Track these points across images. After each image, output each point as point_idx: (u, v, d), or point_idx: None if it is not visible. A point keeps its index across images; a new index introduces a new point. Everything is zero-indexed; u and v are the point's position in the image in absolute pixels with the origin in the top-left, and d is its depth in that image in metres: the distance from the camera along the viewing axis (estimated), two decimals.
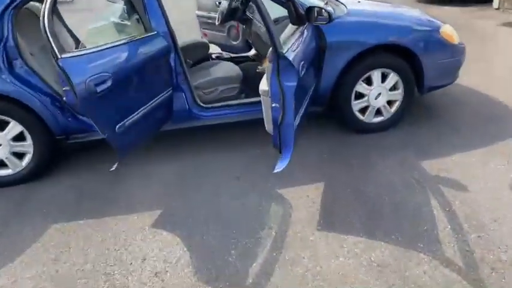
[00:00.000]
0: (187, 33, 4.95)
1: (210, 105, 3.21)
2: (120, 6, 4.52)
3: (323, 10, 2.80)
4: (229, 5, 3.76)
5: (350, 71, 3.21)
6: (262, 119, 3.26)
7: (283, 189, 2.77)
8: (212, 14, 4.77)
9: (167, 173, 3.07)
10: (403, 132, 3.44)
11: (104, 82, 2.21)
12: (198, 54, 3.73)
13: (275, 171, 2.37)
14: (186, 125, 3.22)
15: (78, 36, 3.87)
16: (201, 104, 3.18)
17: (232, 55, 4.33)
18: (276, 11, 3.33)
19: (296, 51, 2.42)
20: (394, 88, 3.36)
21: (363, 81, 3.28)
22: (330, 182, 2.82)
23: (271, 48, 2.31)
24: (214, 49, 4.19)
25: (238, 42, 4.66)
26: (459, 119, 3.60)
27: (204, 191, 2.83)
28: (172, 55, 2.93)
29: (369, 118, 3.42)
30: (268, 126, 2.57)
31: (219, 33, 4.81)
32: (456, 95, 4.00)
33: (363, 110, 3.40)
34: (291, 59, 2.26)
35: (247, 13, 3.80)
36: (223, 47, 4.76)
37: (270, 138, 2.50)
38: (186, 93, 3.10)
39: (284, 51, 2.24)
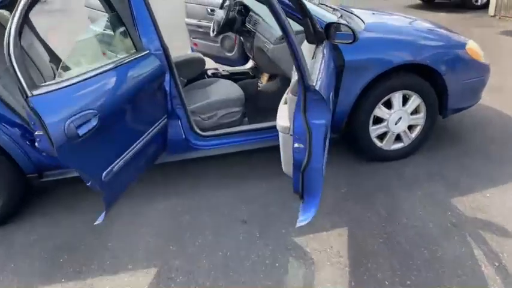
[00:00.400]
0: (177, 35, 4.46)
1: (208, 134, 2.77)
2: (102, 13, 4.04)
3: (345, 26, 2.40)
4: (227, 15, 3.32)
5: (369, 94, 2.82)
6: (269, 147, 2.88)
7: (301, 237, 2.36)
8: (203, 23, 4.34)
9: (160, 215, 2.62)
10: (425, 158, 3.08)
11: (88, 122, 1.75)
12: (193, 71, 3.28)
13: (298, 225, 1.96)
14: (182, 157, 2.77)
15: (52, 41, 3.37)
16: (199, 132, 2.74)
17: (230, 69, 3.88)
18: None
19: (322, 78, 2.00)
20: (415, 112, 3.00)
21: (382, 104, 2.90)
22: (353, 226, 2.42)
23: (294, 78, 1.89)
24: (208, 64, 3.74)
25: (233, 53, 4.23)
26: (484, 142, 3.26)
27: (206, 239, 2.39)
28: (167, 77, 2.49)
29: (388, 145, 3.04)
30: (287, 168, 2.15)
31: (211, 43, 4.37)
32: (475, 114, 3.67)
33: (381, 136, 3.02)
34: (320, 90, 1.84)
35: (248, 25, 3.37)
36: (216, 59, 4.32)
37: (281, 173, 2.11)
38: (181, 120, 2.66)
39: (314, 83, 1.82)
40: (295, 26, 2.66)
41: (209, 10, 4.27)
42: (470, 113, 3.61)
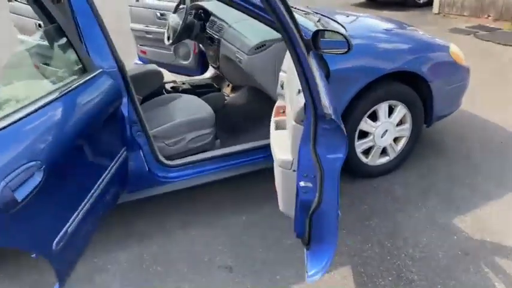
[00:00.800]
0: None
1: (176, 163, 2.33)
2: (32, 20, 3.44)
3: (336, 34, 2.06)
4: (184, 20, 2.88)
5: (354, 106, 2.53)
6: (246, 173, 2.50)
7: (300, 284, 2.00)
8: (152, 28, 3.86)
9: (123, 269, 2.13)
10: (412, 173, 2.84)
11: (29, 179, 1.26)
12: (149, 87, 2.79)
13: (310, 280, 1.59)
14: (146, 193, 2.31)
15: None
16: (164, 161, 2.29)
17: (189, 80, 3.42)
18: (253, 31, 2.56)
19: (328, 97, 1.63)
20: (400, 122, 2.75)
21: (367, 116, 2.62)
22: (357, 263, 2.10)
23: (299, 103, 1.52)
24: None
25: (189, 61, 3.79)
26: (464, 149, 3.09)
27: None
28: (124, 99, 2.03)
29: (374, 160, 2.77)
30: (286, 208, 1.78)
31: (162, 50, 3.90)
32: (449, 120, 3.49)
33: (366, 151, 2.74)
34: (335, 117, 1.47)
35: (209, 31, 2.94)
36: (170, 68, 3.84)
37: (262, 201, 1.75)
38: (143, 149, 2.20)
39: (329, 111, 1.44)
40: (273, 33, 2.33)
41: (158, 14, 3.79)
42: None
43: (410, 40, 2.74)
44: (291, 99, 1.71)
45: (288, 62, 2.09)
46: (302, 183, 1.54)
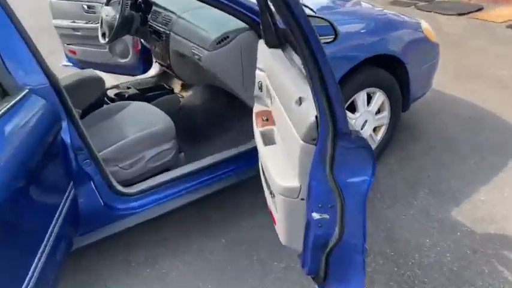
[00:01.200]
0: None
1: (137, 189, 1.92)
2: None
3: (320, 20, 1.74)
4: (121, 13, 2.41)
5: None
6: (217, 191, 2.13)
7: None
8: (80, 24, 3.30)
9: None
10: (393, 164, 2.64)
11: None
12: (89, 97, 2.31)
13: None
14: (104, 233, 1.88)
15: None
16: (122, 190, 1.87)
17: (132, 82, 2.95)
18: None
19: None
20: (378, 111, 2.52)
21: (346, 108, 2.35)
22: (365, 282, 1.84)
23: (296, 115, 1.18)
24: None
25: (128, 59, 3.29)
26: (443, 130, 2.93)
27: None
28: (64, 123, 1.58)
29: None
30: (290, 241, 1.46)
31: (95, 48, 3.35)
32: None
33: None
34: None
35: (153, 23, 2.49)
36: (106, 68, 3.33)
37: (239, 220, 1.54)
38: (94, 179, 1.76)
39: (354, 127, 1.12)
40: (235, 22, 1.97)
41: (85, 7, 3.24)
42: None
43: (384, 21, 2.50)
44: (286, 109, 1.37)
45: (264, 58, 1.73)
46: (316, 215, 1.22)
